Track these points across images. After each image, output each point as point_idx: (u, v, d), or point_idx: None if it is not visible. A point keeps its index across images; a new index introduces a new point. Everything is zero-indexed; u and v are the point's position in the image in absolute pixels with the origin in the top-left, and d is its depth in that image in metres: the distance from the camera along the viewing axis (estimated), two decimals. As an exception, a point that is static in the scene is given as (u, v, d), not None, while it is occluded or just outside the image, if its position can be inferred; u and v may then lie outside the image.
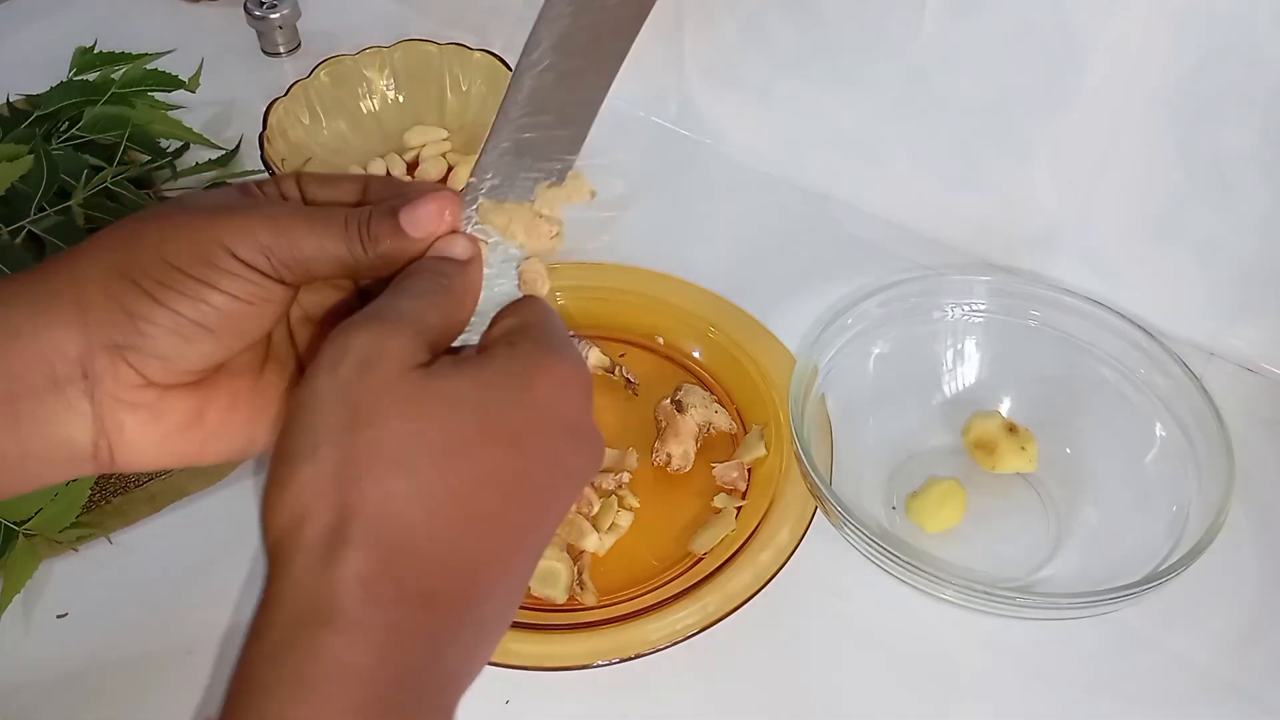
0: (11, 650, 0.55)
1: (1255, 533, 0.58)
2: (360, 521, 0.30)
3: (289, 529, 0.30)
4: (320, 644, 0.29)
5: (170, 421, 0.36)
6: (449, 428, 0.32)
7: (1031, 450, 0.60)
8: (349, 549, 0.30)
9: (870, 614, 0.56)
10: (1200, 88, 0.59)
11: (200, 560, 0.59)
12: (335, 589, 0.30)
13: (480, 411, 0.32)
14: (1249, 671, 0.54)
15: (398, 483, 0.31)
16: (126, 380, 0.34)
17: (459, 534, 0.31)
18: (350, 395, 0.31)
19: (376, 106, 0.79)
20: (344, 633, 0.29)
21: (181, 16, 0.94)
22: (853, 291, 0.62)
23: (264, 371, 0.38)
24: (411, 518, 0.31)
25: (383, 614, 0.30)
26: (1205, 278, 0.65)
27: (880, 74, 0.70)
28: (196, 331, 0.34)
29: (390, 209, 0.35)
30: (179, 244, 0.34)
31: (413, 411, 0.31)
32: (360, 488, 0.30)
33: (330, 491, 0.30)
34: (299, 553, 0.30)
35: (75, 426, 0.34)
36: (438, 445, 0.31)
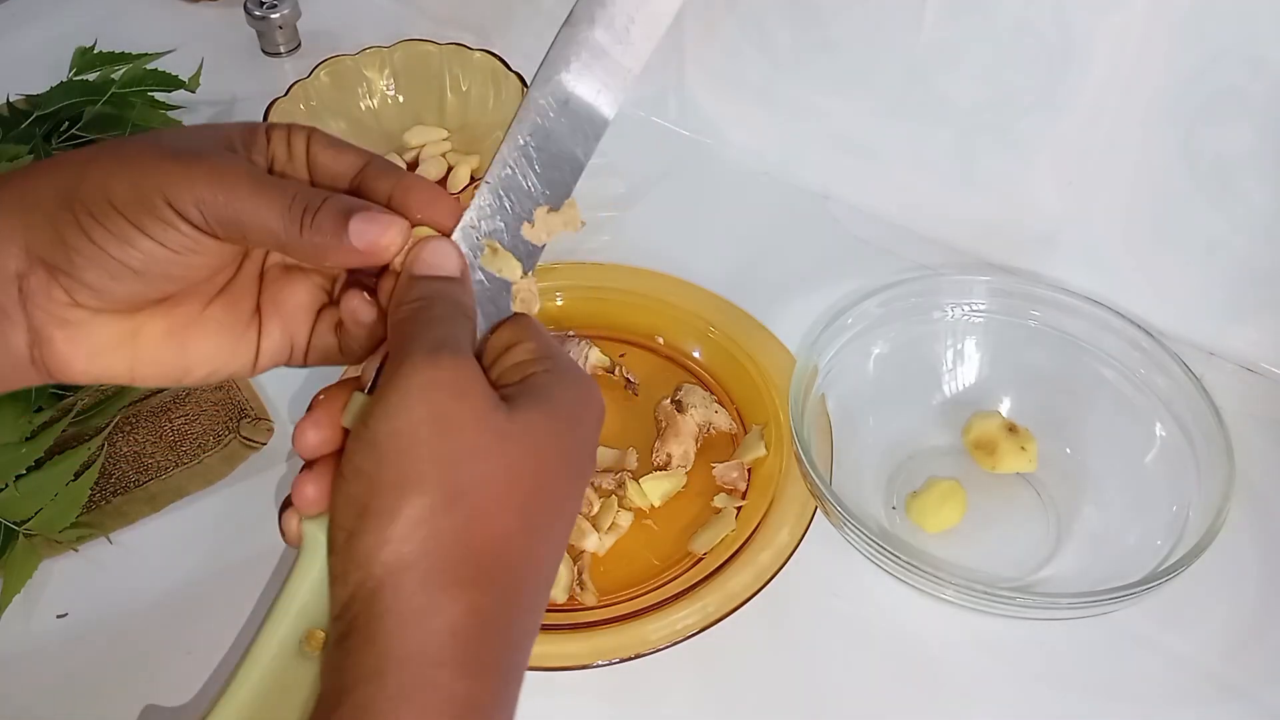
0: (11, 650, 0.55)
1: (1255, 533, 0.58)
2: (476, 562, 0.31)
3: (401, 565, 0.31)
4: (441, 686, 0.30)
5: (97, 341, 0.36)
6: (539, 467, 0.33)
7: (1031, 450, 0.60)
8: (466, 589, 0.31)
9: (870, 614, 0.56)
10: (1200, 88, 0.59)
11: (200, 560, 0.59)
12: (455, 628, 0.30)
13: (559, 444, 0.34)
14: (1249, 671, 0.54)
15: (507, 521, 0.32)
16: (57, 299, 0.35)
17: (542, 566, 0.34)
18: (454, 429, 0.32)
19: (376, 106, 0.79)
20: (463, 676, 0.30)
21: (181, 16, 0.94)
22: (853, 291, 0.62)
23: (210, 306, 0.38)
24: (517, 557, 0.32)
25: (492, 654, 0.31)
26: (1205, 277, 0.65)
27: (880, 74, 0.70)
28: (122, 271, 0.35)
29: (344, 208, 0.35)
30: (122, 182, 0.34)
31: (512, 449, 0.32)
32: (475, 526, 0.31)
33: (446, 529, 0.31)
34: (413, 591, 0.30)
35: (15, 336, 0.35)
36: (531, 484, 0.33)
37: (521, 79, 0.74)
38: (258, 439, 0.63)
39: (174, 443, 0.63)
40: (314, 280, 0.39)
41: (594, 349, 0.65)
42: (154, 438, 0.63)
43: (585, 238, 0.75)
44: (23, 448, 0.59)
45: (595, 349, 0.65)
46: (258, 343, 0.38)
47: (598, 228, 0.76)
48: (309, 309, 0.39)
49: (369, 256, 0.35)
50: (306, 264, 0.38)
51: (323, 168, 0.38)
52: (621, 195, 0.78)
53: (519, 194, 0.38)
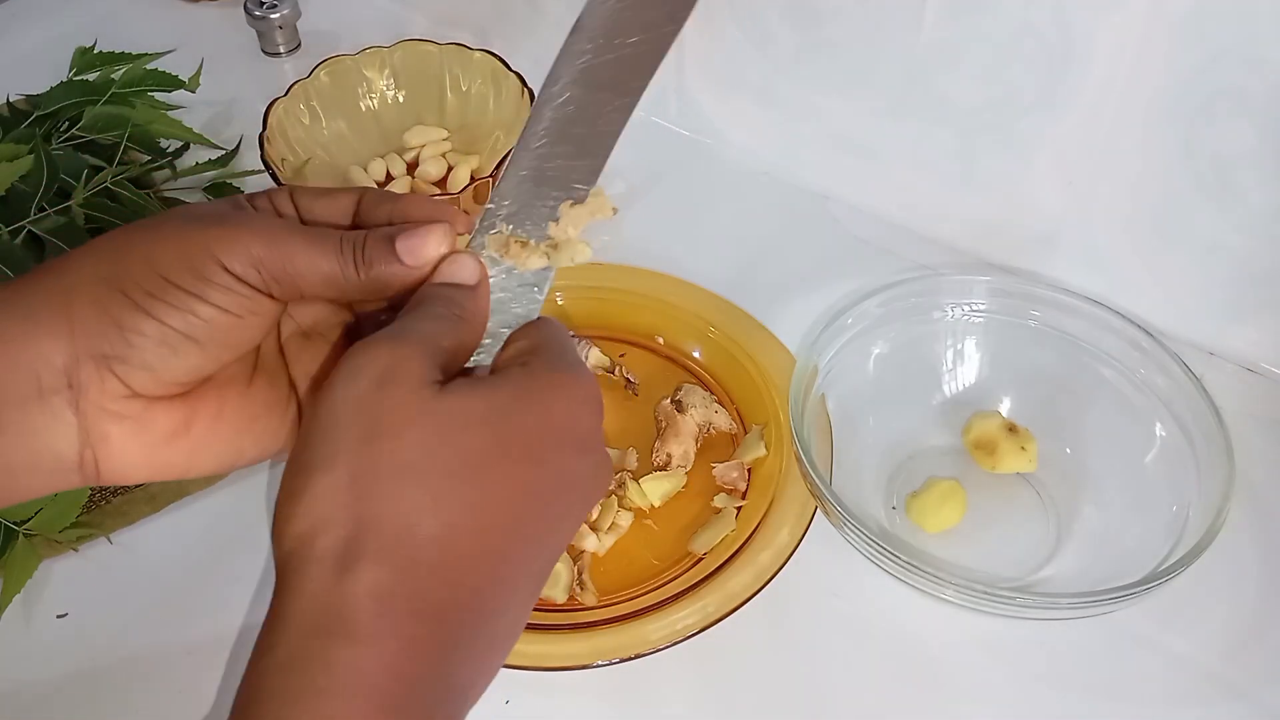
0: (11, 650, 0.55)
1: (1255, 533, 0.58)
2: (375, 534, 0.31)
3: (302, 540, 0.31)
4: (333, 656, 0.29)
5: (156, 432, 0.35)
6: (464, 442, 0.32)
7: (1031, 450, 0.60)
8: (363, 561, 0.30)
9: (870, 614, 0.56)
10: (1200, 88, 0.59)
11: (200, 560, 0.59)
12: (348, 601, 0.30)
13: (494, 427, 0.33)
14: (1249, 671, 0.54)
15: (413, 495, 0.31)
16: (112, 391, 0.34)
17: (472, 547, 0.32)
18: (367, 409, 0.32)
19: (376, 106, 0.79)
20: (357, 645, 0.30)
21: (181, 16, 0.94)
22: (853, 291, 0.62)
23: (252, 383, 0.38)
24: (426, 530, 0.31)
25: (396, 627, 0.30)
26: (1205, 277, 0.65)
27: (880, 74, 0.70)
28: (183, 343, 0.34)
29: (387, 235, 0.36)
30: (169, 254, 0.34)
31: (429, 426, 0.32)
32: (375, 500, 0.31)
33: (345, 504, 0.31)
34: (312, 564, 0.31)
35: (60, 437, 0.34)
36: (452, 459, 0.32)
37: (521, 79, 0.74)
38: (258, 439, 0.63)
39: (174, 443, 0.63)
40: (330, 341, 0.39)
41: (594, 349, 0.65)
42: (154, 438, 0.63)
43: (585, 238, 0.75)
44: (23, 448, 0.59)
45: (595, 349, 0.65)
46: (299, 414, 0.38)
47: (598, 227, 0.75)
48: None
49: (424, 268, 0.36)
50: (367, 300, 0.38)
51: (319, 218, 0.38)
52: (621, 195, 0.78)
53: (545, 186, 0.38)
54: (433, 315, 0.35)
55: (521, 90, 0.74)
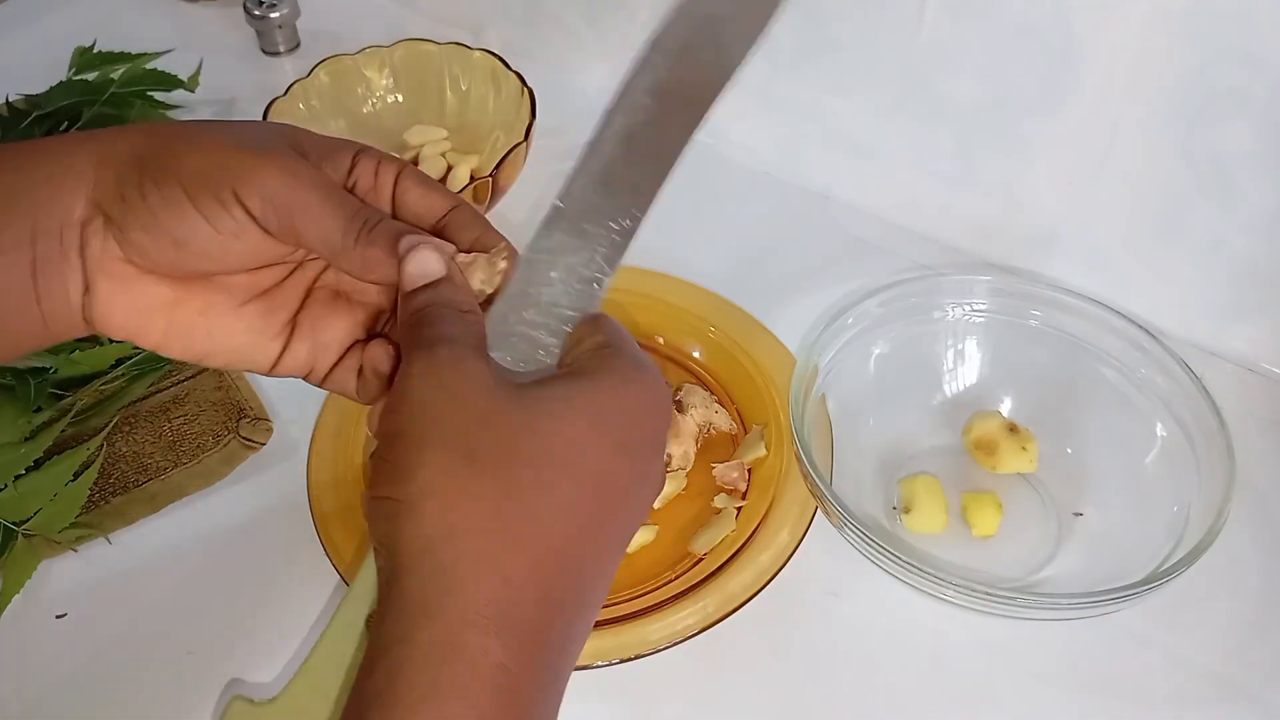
0: (11, 650, 0.55)
1: (1256, 533, 0.58)
2: (520, 535, 0.32)
3: (451, 532, 0.31)
4: (481, 648, 0.30)
5: (138, 299, 0.38)
6: (597, 440, 0.34)
7: (1032, 450, 0.60)
8: (512, 558, 0.31)
9: (870, 614, 0.56)
10: (1200, 88, 0.59)
11: (200, 560, 0.59)
12: (497, 596, 0.31)
13: (613, 424, 0.34)
14: (1249, 671, 0.54)
15: (554, 501, 0.33)
16: (109, 250, 0.37)
17: (585, 545, 0.34)
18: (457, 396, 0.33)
19: (376, 106, 0.79)
20: (506, 641, 0.31)
21: (181, 16, 0.94)
22: (853, 291, 0.62)
23: (247, 304, 0.40)
24: (559, 535, 0.33)
25: (533, 621, 0.32)
26: (1206, 277, 0.65)
27: (880, 74, 0.70)
28: (165, 240, 0.37)
29: (399, 229, 0.37)
30: (193, 159, 0.36)
31: (514, 415, 0.33)
32: (518, 499, 0.32)
33: (496, 514, 0.32)
34: (460, 556, 0.31)
35: (72, 280, 0.37)
36: (592, 469, 0.33)
37: (521, 79, 0.74)
38: (257, 439, 0.63)
39: (173, 443, 0.63)
40: (356, 316, 0.41)
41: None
42: (153, 438, 0.63)
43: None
44: (22, 448, 0.59)
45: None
46: (280, 353, 0.40)
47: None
48: (342, 342, 0.41)
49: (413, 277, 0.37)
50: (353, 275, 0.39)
51: (409, 206, 0.40)
52: (621, 195, 0.77)
53: None
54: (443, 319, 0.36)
55: (521, 90, 0.73)
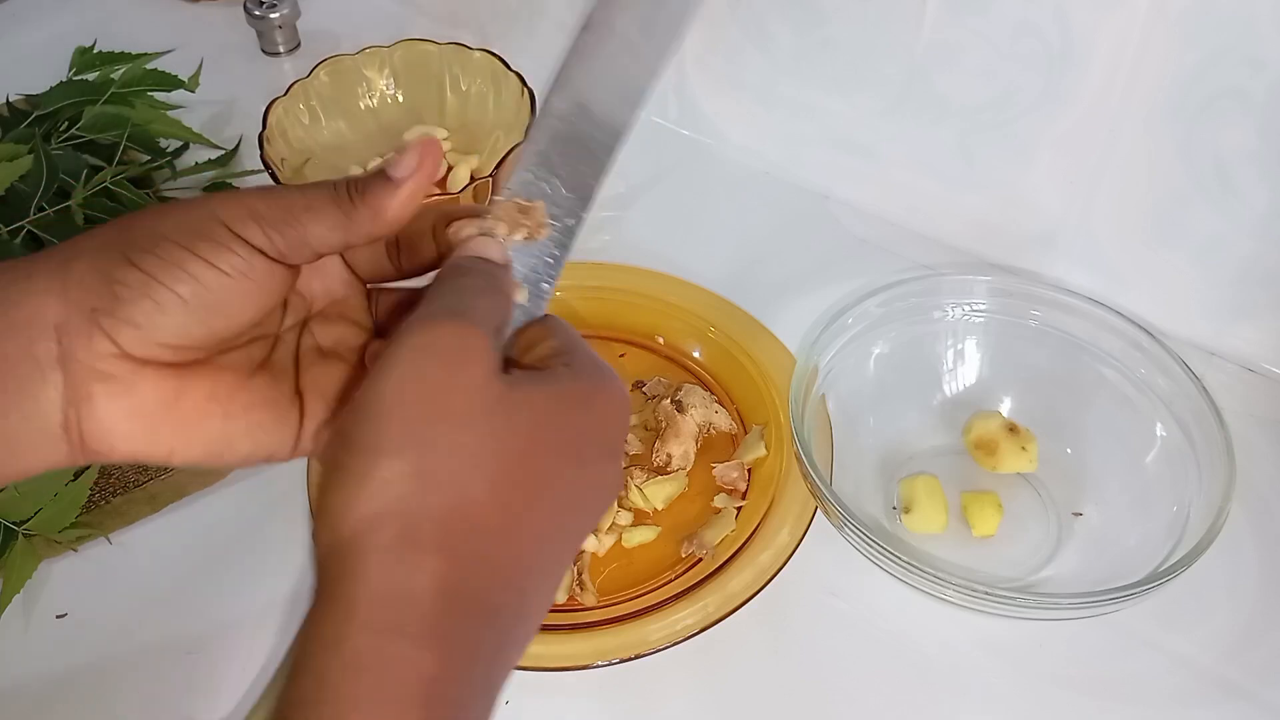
0: (11, 650, 0.55)
1: (1255, 533, 0.58)
2: (441, 526, 0.30)
3: (365, 526, 0.29)
4: (401, 656, 0.29)
5: (140, 399, 0.34)
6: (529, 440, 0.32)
7: (1032, 450, 0.60)
8: (429, 556, 0.30)
9: (870, 614, 0.56)
10: (1200, 87, 0.59)
11: (200, 560, 0.59)
12: (416, 597, 0.29)
13: (555, 428, 0.33)
14: (1249, 671, 0.54)
15: (478, 489, 0.30)
16: (100, 349, 0.33)
17: (522, 546, 0.32)
18: (438, 392, 0.31)
19: (376, 106, 0.79)
20: (424, 647, 0.29)
21: (181, 16, 0.94)
22: (853, 291, 0.62)
23: (254, 376, 0.37)
24: (488, 528, 0.31)
25: (458, 628, 0.30)
26: (1205, 277, 0.65)
27: (880, 74, 0.70)
28: (171, 300, 0.33)
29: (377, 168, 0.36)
30: (172, 217, 0.34)
31: (500, 419, 0.31)
32: (443, 491, 0.30)
33: (413, 492, 0.30)
34: (373, 553, 0.29)
35: (45, 394, 0.33)
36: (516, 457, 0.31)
37: (521, 79, 0.74)
38: (257, 439, 0.63)
39: (174, 443, 0.63)
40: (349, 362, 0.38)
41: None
42: (154, 438, 0.63)
43: (586, 237, 0.74)
44: (22, 448, 0.59)
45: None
46: (300, 423, 0.37)
47: (598, 228, 0.76)
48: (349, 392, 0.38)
49: (421, 186, 0.35)
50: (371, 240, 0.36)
51: None
52: (621, 195, 0.78)
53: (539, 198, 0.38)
54: (477, 290, 0.34)
55: (521, 90, 0.73)
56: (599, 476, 0.34)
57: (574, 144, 0.38)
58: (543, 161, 0.38)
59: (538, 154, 0.38)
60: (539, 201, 0.38)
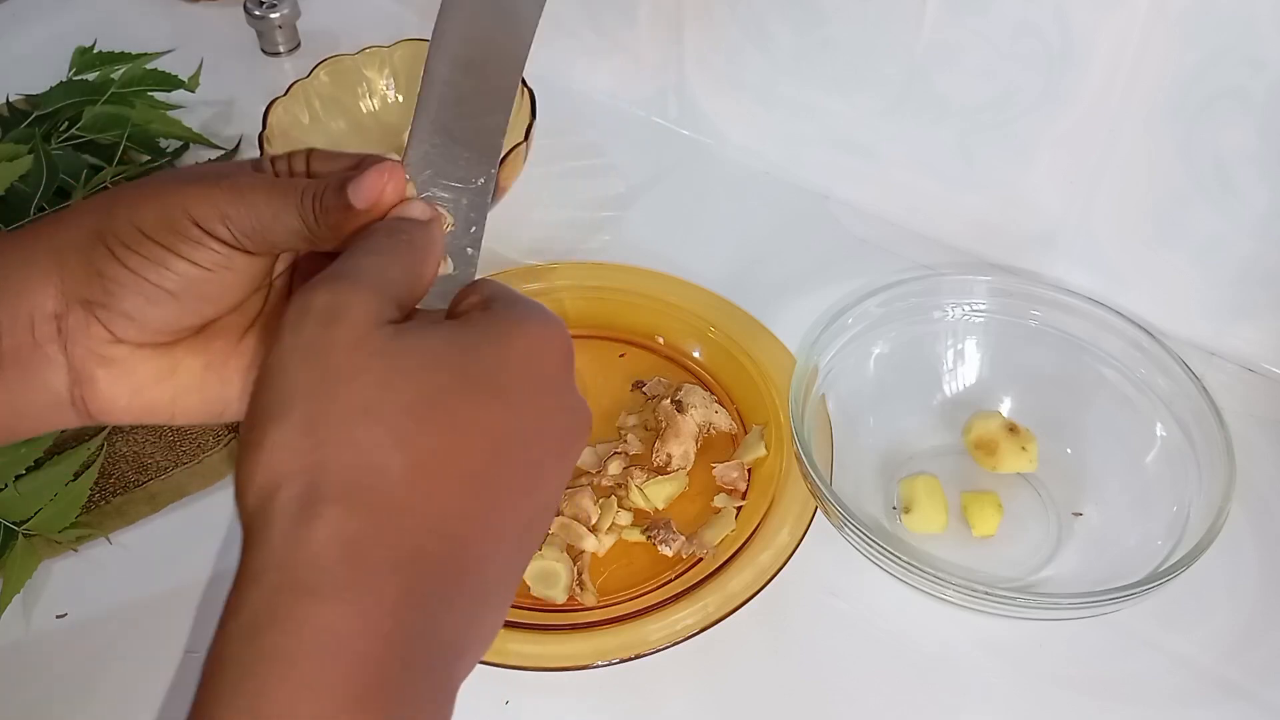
0: (11, 650, 0.55)
1: (1255, 533, 0.58)
2: (336, 478, 0.29)
3: (264, 494, 0.29)
4: (300, 613, 0.27)
5: (140, 377, 0.37)
6: (425, 380, 0.30)
7: (1032, 450, 0.60)
8: (326, 508, 0.28)
9: (870, 614, 0.56)
10: (1200, 87, 0.59)
11: (200, 560, 0.59)
12: (315, 553, 0.28)
13: (458, 365, 0.31)
14: (1249, 671, 0.54)
15: (373, 436, 0.29)
16: (97, 336, 0.36)
17: (444, 489, 0.30)
18: (317, 352, 0.30)
19: (376, 106, 0.79)
20: (327, 600, 0.27)
21: (181, 16, 0.94)
22: (853, 291, 0.62)
23: (243, 339, 0.39)
24: (391, 473, 0.29)
25: (368, 578, 0.28)
26: (1205, 277, 0.65)
27: (880, 74, 0.70)
28: (160, 295, 0.36)
29: (340, 181, 0.36)
30: (149, 211, 0.35)
31: (385, 365, 0.30)
32: (334, 445, 0.29)
33: (303, 450, 0.29)
34: (275, 518, 0.28)
35: (54, 377, 0.36)
36: (414, 398, 0.30)
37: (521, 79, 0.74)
38: (257, 439, 0.63)
39: (174, 442, 0.63)
40: None
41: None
42: (154, 437, 0.63)
43: (585, 237, 0.75)
44: (22, 448, 0.59)
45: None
46: None
47: (598, 227, 0.76)
48: None
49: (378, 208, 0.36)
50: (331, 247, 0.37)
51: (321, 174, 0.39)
52: (621, 195, 0.78)
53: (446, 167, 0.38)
54: (373, 249, 0.34)
55: (521, 90, 0.73)
56: (538, 413, 0.32)
57: (466, 104, 0.38)
58: (438, 130, 0.38)
59: (430, 123, 0.38)
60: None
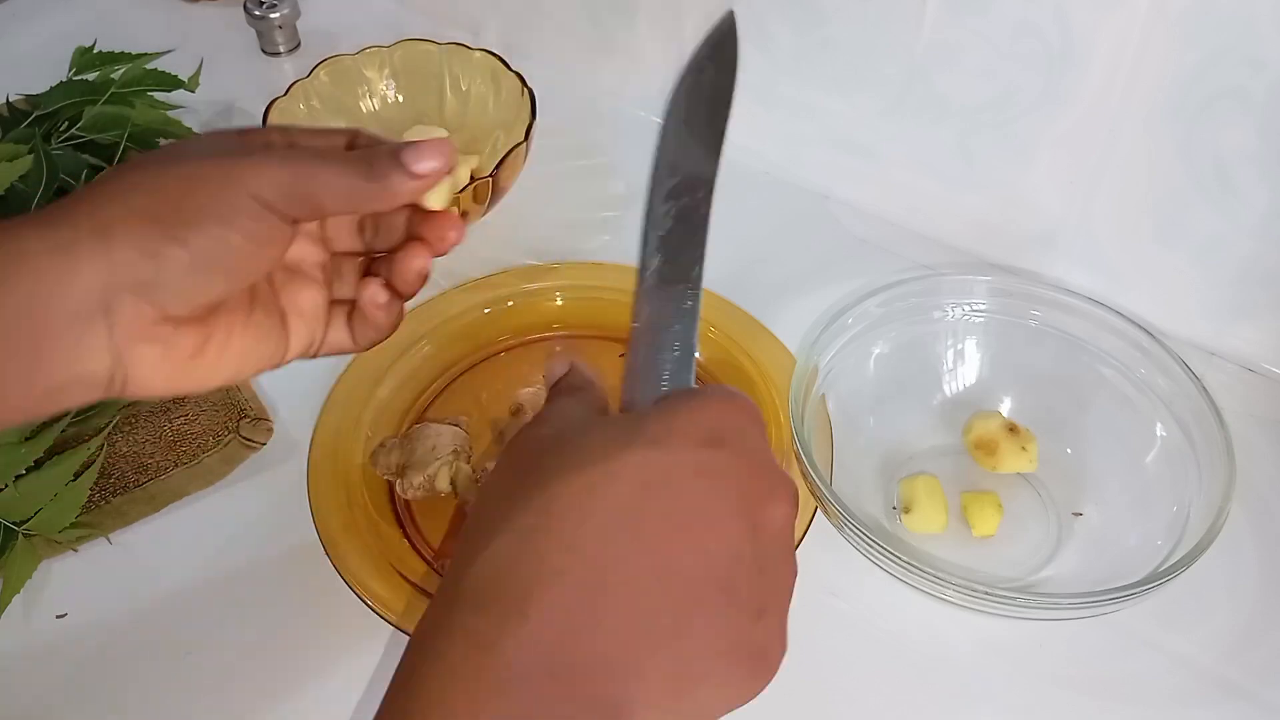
0: (11, 650, 0.55)
1: (1255, 533, 0.58)
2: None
3: (497, 577, 0.32)
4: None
5: (180, 352, 0.39)
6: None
7: (1032, 450, 0.60)
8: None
9: (870, 614, 0.56)
10: (1200, 87, 0.59)
11: (200, 560, 0.59)
12: (522, 670, 0.31)
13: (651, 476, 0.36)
14: (1249, 671, 0.54)
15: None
16: (147, 316, 0.37)
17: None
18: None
19: (376, 106, 0.79)
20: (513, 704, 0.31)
21: (181, 16, 0.94)
22: (853, 291, 0.62)
23: (253, 312, 0.41)
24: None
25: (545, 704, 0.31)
26: (1205, 277, 0.65)
27: (881, 74, 0.70)
28: (213, 267, 0.37)
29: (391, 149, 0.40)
30: (204, 189, 0.37)
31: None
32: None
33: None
34: (499, 615, 0.32)
35: (94, 361, 0.37)
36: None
37: (521, 79, 0.74)
38: (257, 439, 0.63)
39: (173, 443, 0.63)
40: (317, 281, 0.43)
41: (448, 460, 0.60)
42: (153, 438, 0.63)
43: (585, 237, 0.75)
44: (22, 448, 0.59)
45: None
46: (287, 340, 0.43)
47: (598, 227, 0.76)
48: (322, 308, 0.44)
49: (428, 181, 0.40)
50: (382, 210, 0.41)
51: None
52: (621, 195, 0.77)
53: None
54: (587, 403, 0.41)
55: (521, 90, 0.73)
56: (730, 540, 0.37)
57: (682, 223, 0.47)
58: (664, 248, 0.46)
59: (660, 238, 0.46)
60: None
